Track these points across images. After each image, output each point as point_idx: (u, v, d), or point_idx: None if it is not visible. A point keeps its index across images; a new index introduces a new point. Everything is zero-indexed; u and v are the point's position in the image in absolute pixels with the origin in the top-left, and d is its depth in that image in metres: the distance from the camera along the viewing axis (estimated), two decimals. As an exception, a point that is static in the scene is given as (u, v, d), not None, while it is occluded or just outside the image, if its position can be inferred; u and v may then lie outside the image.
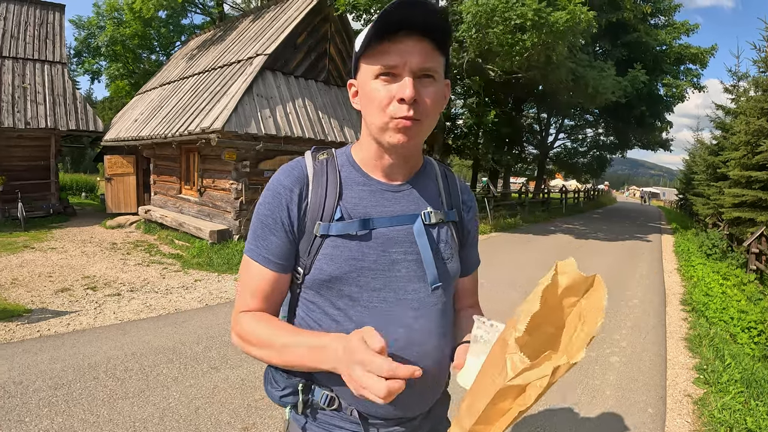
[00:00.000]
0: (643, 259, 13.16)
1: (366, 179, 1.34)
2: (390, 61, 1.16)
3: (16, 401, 4.18)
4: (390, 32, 1.15)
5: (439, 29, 1.17)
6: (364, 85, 1.23)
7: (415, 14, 1.12)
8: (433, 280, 1.32)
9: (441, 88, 1.24)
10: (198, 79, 15.12)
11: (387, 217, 1.31)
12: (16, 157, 16.05)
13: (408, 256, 1.31)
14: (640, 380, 5.14)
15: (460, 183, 1.54)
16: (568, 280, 1.07)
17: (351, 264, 1.26)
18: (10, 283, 8.27)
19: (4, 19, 18.08)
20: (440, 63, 1.23)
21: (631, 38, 23.23)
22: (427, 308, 1.31)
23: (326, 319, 1.29)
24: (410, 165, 1.38)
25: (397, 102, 1.17)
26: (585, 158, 32.86)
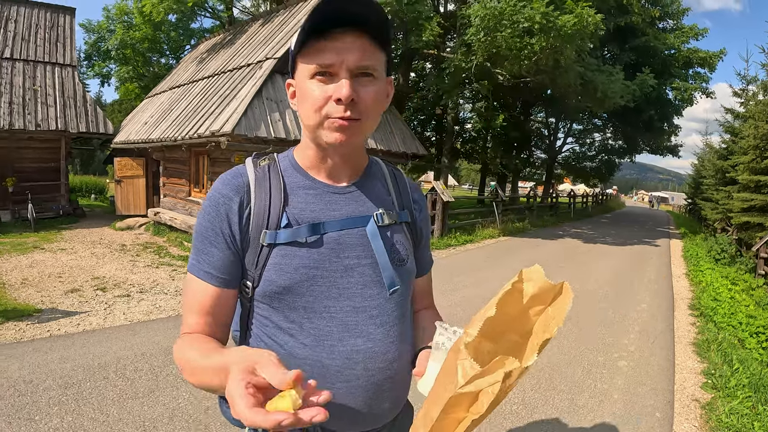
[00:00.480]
0: (651, 264, 13.13)
1: (311, 182, 1.27)
2: (326, 60, 1.11)
3: (27, 400, 4.21)
4: (324, 29, 1.10)
5: (376, 24, 1.12)
6: (301, 85, 1.18)
7: (350, 9, 1.07)
8: (391, 284, 1.25)
9: (382, 87, 1.20)
10: (207, 83, 15.20)
11: (337, 220, 1.24)
12: (26, 158, 16.20)
13: (362, 260, 1.24)
14: (648, 384, 5.13)
15: (410, 182, 1.49)
16: (534, 287, 1.06)
17: (302, 273, 1.18)
18: (20, 283, 8.34)
19: (14, 21, 18.25)
20: (380, 59, 1.18)
21: (639, 42, 23.20)
22: (386, 314, 1.25)
23: (281, 334, 1.21)
24: (354, 165, 1.32)
25: (334, 102, 1.12)
26: (593, 162, 32.80)
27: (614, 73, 16.72)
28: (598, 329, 6.94)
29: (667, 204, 76.47)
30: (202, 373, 1.05)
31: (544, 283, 1.06)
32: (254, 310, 1.25)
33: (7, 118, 15.12)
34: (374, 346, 1.21)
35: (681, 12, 25.86)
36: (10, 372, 4.73)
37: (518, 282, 1.06)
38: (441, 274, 9.92)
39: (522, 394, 4.69)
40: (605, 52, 24.67)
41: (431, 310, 1.58)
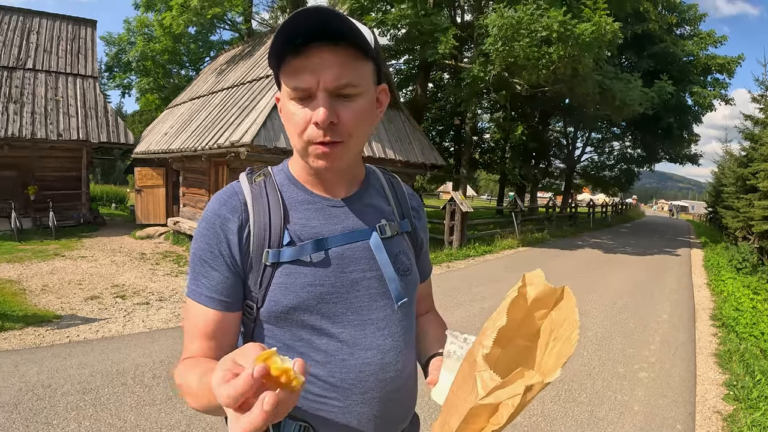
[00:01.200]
0: (672, 274, 13.01)
1: (310, 196, 1.23)
2: (302, 83, 1.06)
3: (45, 404, 4.26)
4: (294, 49, 1.05)
5: (354, 34, 1.05)
6: (284, 104, 1.14)
7: (320, 22, 1.02)
8: (398, 296, 1.24)
9: (366, 102, 1.14)
10: (227, 94, 15.33)
11: (340, 234, 1.21)
12: (48, 167, 16.45)
13: (367, 273, 1.22)
14: (669, 396, 5.08)
15: (407, 190, 1.45)
16: (536, 291, 1.06)
17: (308, 291, 1.15)
18: (40, 289, 8.45)
19: (37, 33, 18.57)
20: (365, 71, 1.12)
21: (657, 49, 23.10)
22: (394, 325, 1.24)
23: (290, 353, 1.16)
24: (350, 178, 1.29)
25: (313, 125, 1.08)
26: (612, 172, 32.55)
27: (632, 80, 16.65)
28: (618, 340, 6.89)
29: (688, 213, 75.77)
30: (203, 394, 1.00)
31: (545, 287, 1.05)
32: (259, 330, 1.21)
33: (29, 127, 15.36)
34: (384, 357, 1.20)
35: (698, 18, 25.77)
36: (29, 376, 4.80)
37: (522, 286, 1.06)
38: (460, 285, 9.90)
39: (542, 406, 4.66)
40: (623, 60, 24.60)
41: (432, 313, 1.58)
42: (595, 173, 32.89)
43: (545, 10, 13.13)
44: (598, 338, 6.90)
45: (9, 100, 15.79)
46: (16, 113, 15.54)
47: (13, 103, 15.78)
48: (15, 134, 15.03)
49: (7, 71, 16.68)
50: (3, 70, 16.64)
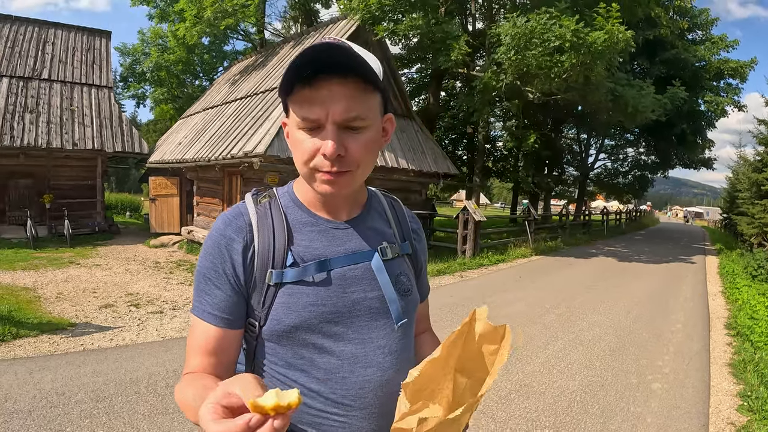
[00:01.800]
0: (686, 282, 12.91)
1: (313, 218, 1.26)
2: (311, 114, 1.09)
3: (58, 411, 4.31)
4: (303, 80, 1.07)
5: (362, 68, 1.09)
6: (292, 131, 1.17)
7: (332, 57, 1.06)
8: (398, 317, 1.27)
9: (373, 134, 1.16)
10: (240, 104, 15.44)
11: (343, 256, 1.24)
12: (63, 176, 16.69)
13: (368, 293, 1.24)
14: (682, 407, 5.04)
15: (408, 212, 1.48)
16: (481, 328, 1.09)
17: (311, 311, 1.17)
18: (55, 297, 8.55)
19: (52, 44, 18.86)
20: (372, 103, 1.15)
21: (669, 55, 23.02)
22: (394, 343, 1.26)
23: (292, 371, 1.20)
24: (353, 202, 1.32)
25: (321, 156, 1.10)
26: (626, 178, 32.38)
27: (644, 87, 16.58)
28: (632, 350, 6.84)
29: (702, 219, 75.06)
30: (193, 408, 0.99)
31: (487, 325, 1.09)
32: (261, 348, 1.24)
33: (45, 137, 15.56)
34: (384, 374, 1.22)
35: (709, 22, 25.68)
36: (43, 384, 4.85)
37: (471, 321, 1.10)
38: (473, 295, 9.88)
39: (554, 417, 4.64)
40: (635, 66, 24.51)
41: (428, 333, 1.60)
42: (609, 180, 32.72)
43: (558, 18, 13.12)
44: (611, 348, 6.86)
45: (25, 110, 16.01)
46: (32, 123, 15.75)
47: (29, 113, 16.00)
48: (31, 143, 15.24)
49: (23, 81, 16.92)
50: (19, 80, 16.88)
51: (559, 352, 6.53)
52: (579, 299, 9.94)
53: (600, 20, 13.24)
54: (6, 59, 17.31)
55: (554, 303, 9.47)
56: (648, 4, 16.19)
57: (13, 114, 15.71)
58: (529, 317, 8.27)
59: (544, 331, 7.53)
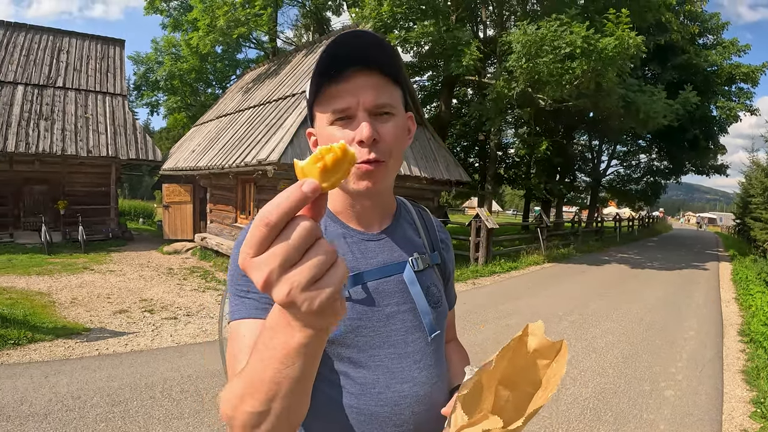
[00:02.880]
0: (699, 289, 12.84)
1: (345, 230, 1.25)
2: (341, 104, 1.09)
3: (74, 415, 4.36)
4: (334, 72, 1.08)
5: (386, 60, 1.10)
6: (322, 132, 1.16)
7: (356, 49, 1.06)
8: (431, 329, 1.25)
9: (401, 123, 1.17)
10: (254, 112, 15.51)
11: (375, 269, 1.22)
12: (77, 182, 16.87)
13: (401, 306, 1.23)
14: (695, 414, 5.02)
15: (436, 222, 1.46)
16: (536, 342, 1.09)
17: (347, 325, 1.16)
18: (69, 302, 8.63)
19: (66, 52, 19.08)
20: (397, 96, 1.16)
21: (680, 60, 22.92)
22: (428, 357, 1.24)
23: (326, 385, 1.17)
24: (384, 210, 1.30)
25: (357, 144, 1.09)
26: (638, 185, 32.18)
27: (656, 92, 16.51)
28: (645, 357, 6.82)
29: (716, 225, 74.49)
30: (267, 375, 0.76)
31: (544, 340, 1.08)
32: None
33: (59, 144, 15.72)
34: (419, 389, 1.20)
35: (720, 26, 25.55)
36: (58, 387, 4.90)
37: (523, 336, 1.10)
38: (485, 302, 9.88)
39: (567, 424, 4.64)
40: (646, 72, 24.41)
41: (454, 342, 1.57)
42: (621, 186, 32.53)
43: (568, 25, 13.12)
44: (624, 356, 6.84)
45: (40, 118, 16.19)
46: (46, 130, 15.92)
47: (44, 120, 16.17)
48: (46, 150, 15.39)
49: (38, 89, 17.11)
50: (34, 88, 17.08)
51: (572, 360, 6.52)
52: (592, 306, 9.91)
53: (610, 26, 13.24)
54: (21, 67, 17.52)
55: (567, 310, 9.45)
56: (658, 9, 16.14)
57: (28, 121, 15.89)
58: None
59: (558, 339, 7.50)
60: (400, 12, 14.86)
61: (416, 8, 15.13)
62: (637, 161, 32.40)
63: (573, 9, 14.05)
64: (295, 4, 28.24)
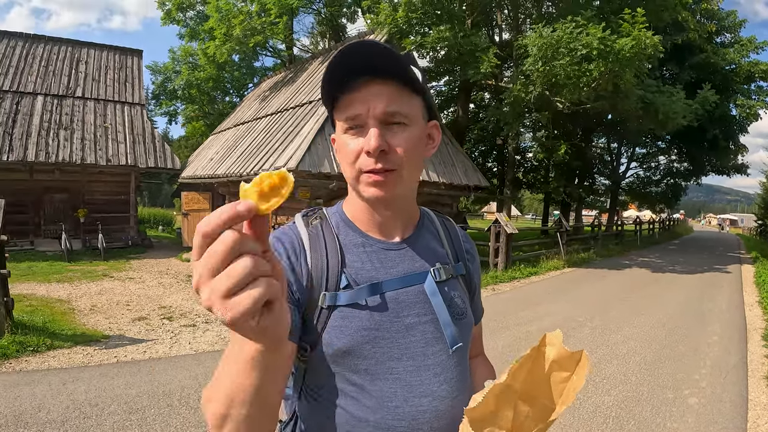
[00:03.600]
0: (722, 292, 12.64)
1: (365, 239, 1.23)
2: (352, 112, 1.10)
3: (91, 422, 4.37)
4: (345, 81, 1.09)
5: (398, 69, 1.09)
6: (338, 139, 1.17)
7: (364, 59, 1.06)
8: (453, 341, 1.20)
9: (417, 133, 1.15)
10: (271, 120, 15.59)
11: (395, 278, 1.19)
12: (97, 191, 17.11)
13: (422, 317, 1.19)
14: (719, 423, 4.92)
15: (461, 232, 1.43)
16: (554, 353, 1.05)
17: (363, 335, 1.13)
18: (89, 309, 8.69)
19: (85, 63, 19.37)
20: (414, 105, 1.14)
21: (698, 59, 22.66)
22: (449, 371, 1.20)
23: (342, 397, 1.15)
24: (405, 219, 1.28)
25: (365, 154, 1.09)
26: (658, 187, 31.83)
27: (675, 92, 16.32)
28: (667, 364, 6.71)
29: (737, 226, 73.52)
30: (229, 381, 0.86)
31: (563, 350, 1.04)
32: (311, 373, 1.19)
33: (79, 153, 15.92)
34: (440, 404, 1.16)
35: (737, 24, 25.21)
36: (76, 395, 4.92)
37: (541, 346, 1.05)
38: (505, 308, 9.80)
39: (589, 432, 4.56)
40: (664, 72, 24.18)
41: (481, 357, 1.54)
42: (641, 189, 32.18)
43: (584, 27, 13.03)
44: (647, 362, 6.74)
45: (60, 127, 16.42)
46: (66, 139, 16.13)
47: (64, 130, 16.39)
48: (65, 159, 15.59)
49: (58, 99, 17.35)
50: (53, 98, 17.32)
51: (594, 366, 6.43)
52: (613, 312, 9.79)
53: (626, 27, 13.11)
54: (41, 78, 17.79)
55: (588, 316, 9.34)
56: (674, 7, 15.98)
57: (48, 131, 16.11)
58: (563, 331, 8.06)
59: (579, 345, 7.41)
60: (416, 17, 14.86)
61: (431, 13, 15.12)
62: (657, 163, 32.03)
63: (589, 11, 13.95)
64: (310, 11, 28.36)
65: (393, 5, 15.66)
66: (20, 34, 19.48)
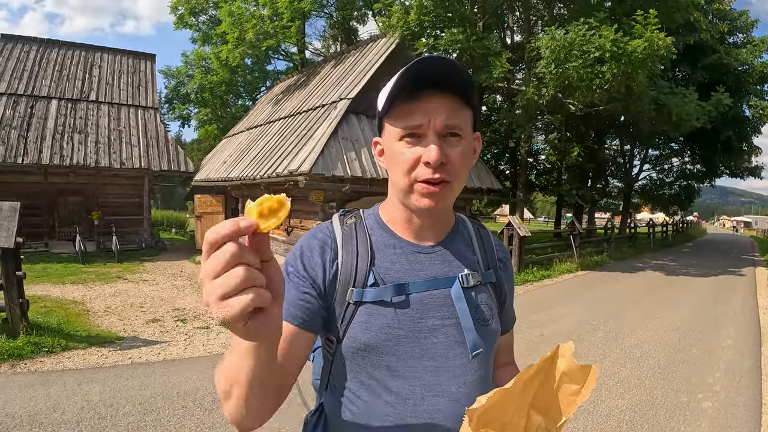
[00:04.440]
0: (736, 295, 12.53)
1: (397, 241, 1.27)
2: (413, 122, 1.13)
3: (106, 423, 4.40)
4: (411, 91, 1.12)
5: (461, 83, 1.14)
6: (390, 146, 1.20)
7: (435, 71, 1.10)
8: (474, 347, 1.22)
9: (469, 145, 1.20)
10: (284, 123, 15.62)
11: (422, 281, 1.23)
12: (111, 194, 17.24)
13: (446, 321, 1.22)
14: (733, 427, 4.88)
15: (495, 240, 1.45)
16: (564, 365, 1.05)
17: (386, 332, 1.18)
18: (103, 310, 8.77)
19: (99, 67, 19.54)
20: (467, 118, 1.18)
21: (711, 60, 22.44)
22: (469, 375, 1.22)
23: (363, 390, 1.20)
24: (441, 225, 1.32)
25: (423, 164, 1.13)
26: (672, 189, 31.57)
27: (688, 94, 16.20)
28: (681, 367, 6.67)
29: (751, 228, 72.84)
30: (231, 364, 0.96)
31: (572, 363, 1.05)
32: (337, 364, 1.24)
33: (93, 156, 16.05)
34: (456, 405, 1.19)
35: (750, 24, 24.97)
36: (91, 395, 4.96)
37: (554, 357, 1.06)
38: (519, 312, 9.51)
39: (603, 435, 4.54)
40: (677, 73, 24.00)
41: (510, 366, 1.55)
42: (654, 191, 31.92)
43: (597, 29, 12.98)
44: (660, 366, 6.69)
45: (74, 131, 16.57)
46: (80, 143, 16.27)
47: (78, 133, 16.54)
48: (80, 162, 15.73)
49: (72, 103, 17.50)
50: (68, 102, 17.47)
51: (608, 370, 6.40)
52: (627, 315, 9.73)
53: (639, 28, 13.04)
54: (55, 82, 17.95)
55: (602, 319, 9.29)
56: (687, 8, 15.84)
57: (62, 134, 16.26)
58: (576, 334, 8.13)
59: (593, 349, 7.39)
60: (428, 20, 14.86)
61: (443, 16, 15.12)
62: (670, 165, 31.81)
63: (601, 12, 13.88)
64: (322, 15, 28.44)
65: (405, 8, 15.67)
66: (34, 38, 19.65)
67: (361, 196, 12.12)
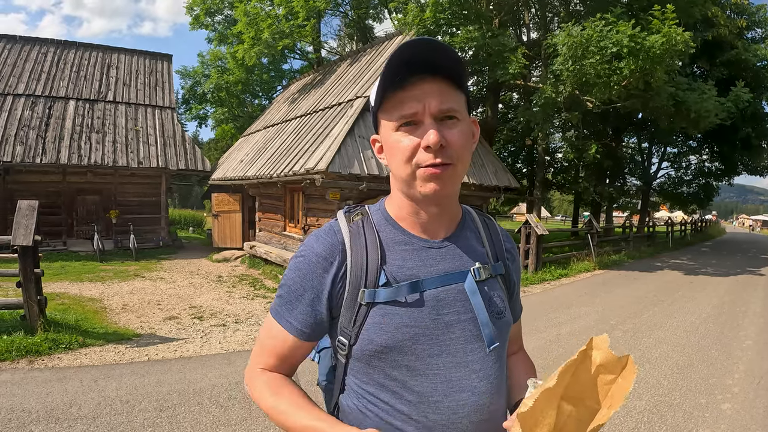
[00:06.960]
0: (756, 296, 12.35)
1: (407, 237, 1.25)
2: (407, 110, 1.12)
3: (122, 419, 4.43)
4: (400, 80, 1.11)
5: (450, 66, 1.12)
6: (387, 139, 1.18)
7: (421, 55, 1.09)
8: (490, 341, 1.22)
9: (467, 127, 1.19)
10: (300, 122, 15.65)
11: (435, 277, 1.21)
12: (129, 193, 17.42)
13: (462, 316, 1.22)
14: (752, 429, 4.80)
15: (501, 231, 1.44)
16: (600, 357, 1.05)
17: (404, 332, 1.16)
18: (120, 308, 8.83)
19: (116, 68, 19.75)
20: (461, 101, 1.17)
21: (729, 56, 22.11)
22: (488, 367, 1.23)
23: (383, 392, 1.18)
24: (449, 218, 1.29)
25: (423, 150, 1.11)
26: (690, 187, 31.25)
27: (706, 90, 15.99)
28: (700, 368, 6.58)
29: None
30: (290, 425, 1.14)
31: (609, 355, 1.05)
32: (351, 367, 1.23)
33: (111, 156, 16.21)
34: (479, 399, 1.19)
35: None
36: (108, 391, 5.00)
37: (588, 349, 1.05)
38: (536, 311, 9.70)
39: (621, 436, 4.49)
40: (695, 69, 23.74)
41: (520, 353, 1.56)
42: (673, 189, 31.62)
43: (614, 24, 12.86)
44: (679, 367, 6.61)
45: (92, 131, 16.74)
46: (98, 142, 16.43)
47: (96, 133, 16.71)
48: (98, 162, 15.89)
49: (89, 103, 17.67)
50: (86, 102, 17.65)
51: (626, 370, 6.31)
52: (645, 315, 9.64)
53: (656, 23, 12.89)
54: (72, 83, 18.15)
55: (620, 319, 9.21)
56: (704, 3, 15.64)
57: (80, 134, 16.43)
58: (594, 333, 8.04)
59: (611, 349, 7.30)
60: (443, 18, 14.80)
61: (459, 14, 15.05)
62: (688, 163, 31.49)
63: (618, 8, 13.76)
64: (337, 14, 28.47)
65: (420, 6, 15.62)
66: (52, 40, 19.91)
67: (378, 195, 12.09)
